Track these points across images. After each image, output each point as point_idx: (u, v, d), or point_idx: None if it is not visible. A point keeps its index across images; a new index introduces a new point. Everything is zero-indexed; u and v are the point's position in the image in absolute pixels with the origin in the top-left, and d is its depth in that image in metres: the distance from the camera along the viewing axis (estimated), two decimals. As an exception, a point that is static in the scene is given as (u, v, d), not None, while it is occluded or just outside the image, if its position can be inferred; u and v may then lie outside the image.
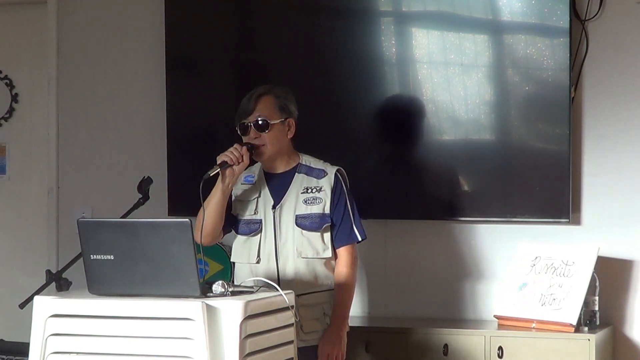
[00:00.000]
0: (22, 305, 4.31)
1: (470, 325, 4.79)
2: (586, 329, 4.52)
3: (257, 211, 4.21)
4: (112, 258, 3.49)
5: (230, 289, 3.51)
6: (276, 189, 4.22)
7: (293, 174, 4.23)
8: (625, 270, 4.78)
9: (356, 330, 4.50)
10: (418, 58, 4.96)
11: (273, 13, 5.18)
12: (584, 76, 4.83)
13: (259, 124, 4.14)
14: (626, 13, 4.79)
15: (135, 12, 5.47)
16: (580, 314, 4.51)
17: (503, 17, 4.87)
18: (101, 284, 3.53)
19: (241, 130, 4.18)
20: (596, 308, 4.58)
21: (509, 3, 4.83)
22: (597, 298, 4.58)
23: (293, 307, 3.65)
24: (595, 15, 4.81)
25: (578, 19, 4.80)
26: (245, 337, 3.38)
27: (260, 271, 4.13)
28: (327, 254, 4.18)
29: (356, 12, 5.03)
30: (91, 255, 3.51)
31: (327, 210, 4.17)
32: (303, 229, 4.16)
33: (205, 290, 3.48)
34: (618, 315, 4.78)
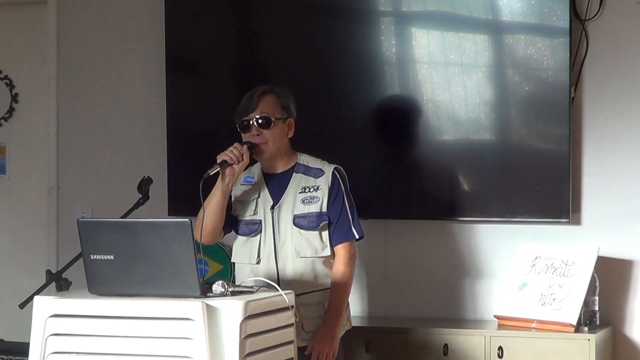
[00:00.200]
0: (22, 305, 4.31)
1: (470, 325, 4.78)
2: (586, 329, 4.52)
3: (257, 212, 4.21)
4: (112, 258, 3.49)
5: (230, 289, 3.51)
6: (275, 189, 4.21)
7: (291, 174, 4.22)
8: (625, 270, 4.78)
9: (356, 330, 4.49)
10: (418, 58, 4.96)
11: (273, 13, 5.18)
12: (584, 76, 4.83)
13: (261, 121, 4.14)
14: (626, 13, 4.79)
15: (135, 12, 5.47)
16: (580, 314, 4.51)
17: (503, 17, 4.86)
18: (101, 284, 3.53)
19: (242, 128, 4.17)
20: (596, 308, 4.58)
21: (509, 3, 4.82)
22: (597, 298, 4.58)
23: (293, 307, 3.65)
24: (595, 15, 4.81)
25: (578, 19, 4.80)
26: (245, 337, 3.38)
27: (261, 271, 4.12)
28: (326, 252, 4.18)
29: (356, 12, 5.03)
30: (91, 255, 3.51)
31: (324, 209, 4.16)
32: (301, 228, 4.15)
33: (205, 290, 3.48)
34: (618, 315, 4.78)
